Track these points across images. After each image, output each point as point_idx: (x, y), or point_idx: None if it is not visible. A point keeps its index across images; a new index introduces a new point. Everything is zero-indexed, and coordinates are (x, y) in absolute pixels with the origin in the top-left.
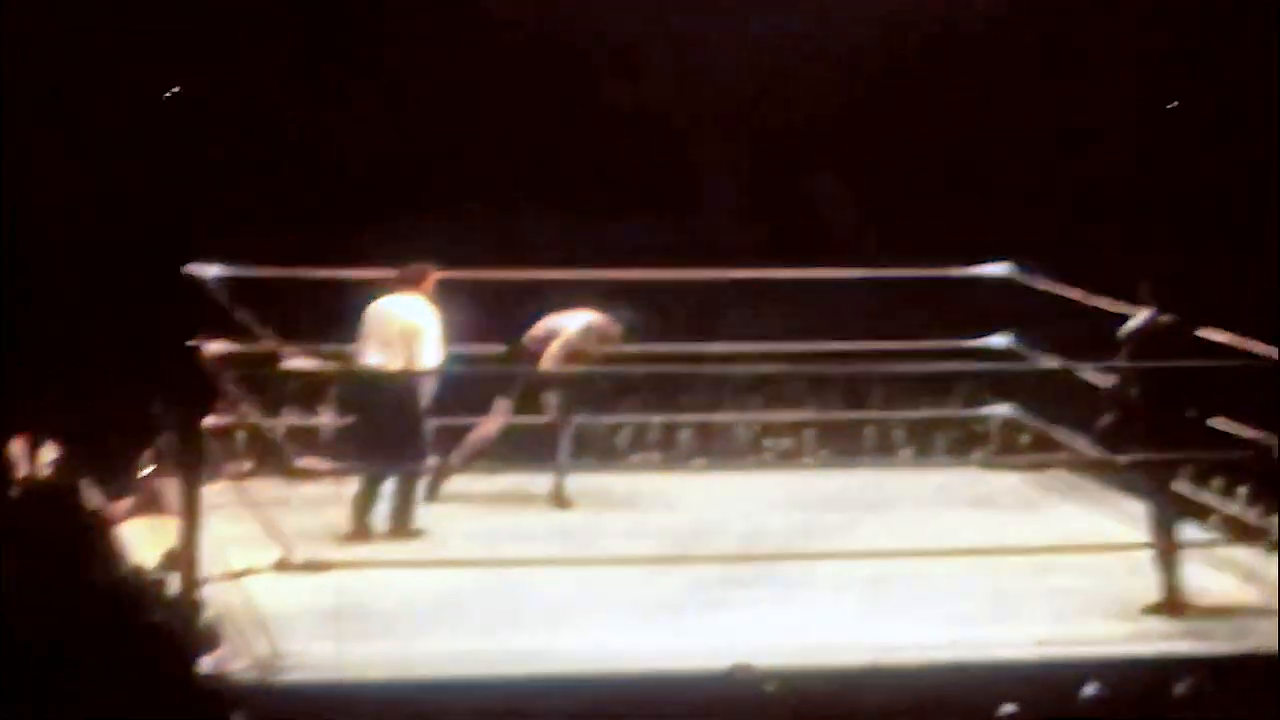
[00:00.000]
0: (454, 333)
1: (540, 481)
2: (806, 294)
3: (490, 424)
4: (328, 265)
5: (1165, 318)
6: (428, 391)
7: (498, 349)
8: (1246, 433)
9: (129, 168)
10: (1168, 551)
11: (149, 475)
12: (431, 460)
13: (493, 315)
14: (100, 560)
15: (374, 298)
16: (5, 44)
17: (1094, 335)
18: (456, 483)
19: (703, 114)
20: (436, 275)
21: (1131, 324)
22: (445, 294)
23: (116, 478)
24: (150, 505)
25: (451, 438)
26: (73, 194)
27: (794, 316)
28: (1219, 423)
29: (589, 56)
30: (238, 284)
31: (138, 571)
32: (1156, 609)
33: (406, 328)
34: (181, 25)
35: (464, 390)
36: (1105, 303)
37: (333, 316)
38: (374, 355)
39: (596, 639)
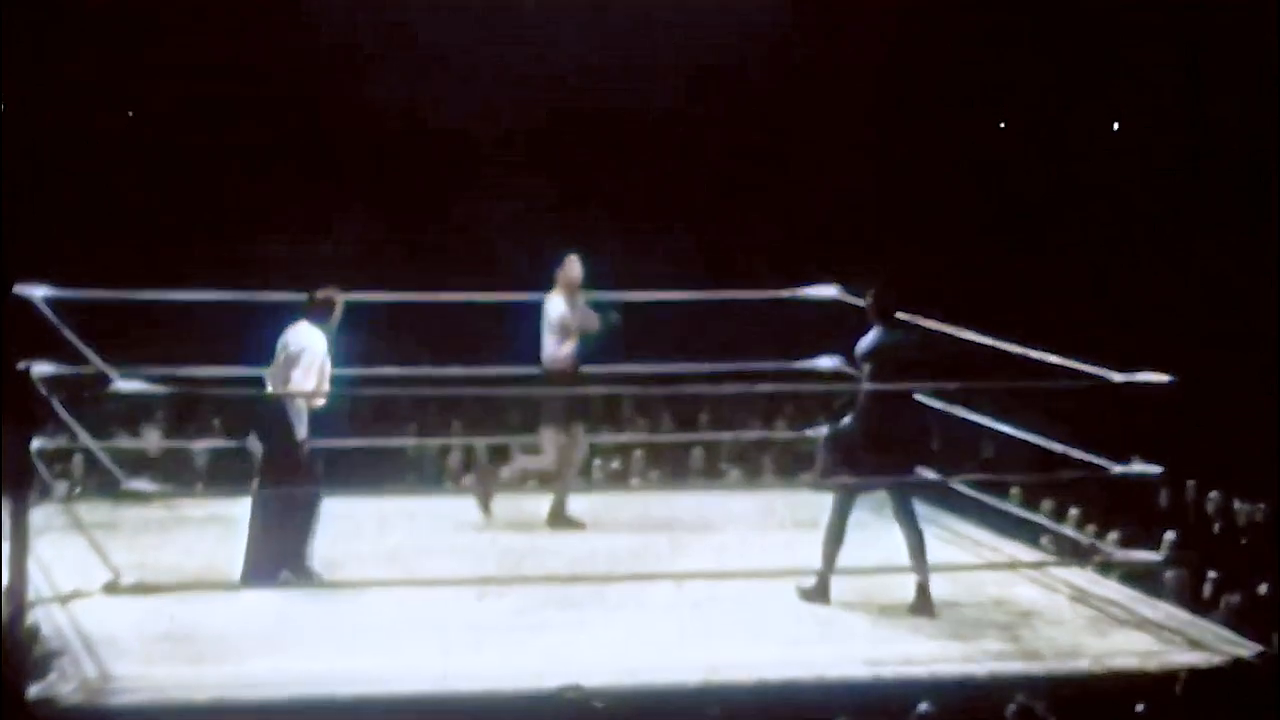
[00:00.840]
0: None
1: (366, 504)
2: (631, 315)
3: (547, 456)
4: (153, 286)
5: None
6: (302, 416)
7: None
8: (1080, 455)
9: None
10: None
11: None
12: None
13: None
14: None
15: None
16: None
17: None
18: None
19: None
20: (336, 298)
21: (864, 342)
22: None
23: None
24: None
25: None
26: None
27: (621, 337)
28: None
29: None
30: (66, 305)
31: None
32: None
33: (288, 353)
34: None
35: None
36: (931, 324)
37: (160, 337)
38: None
39: (426, 660)
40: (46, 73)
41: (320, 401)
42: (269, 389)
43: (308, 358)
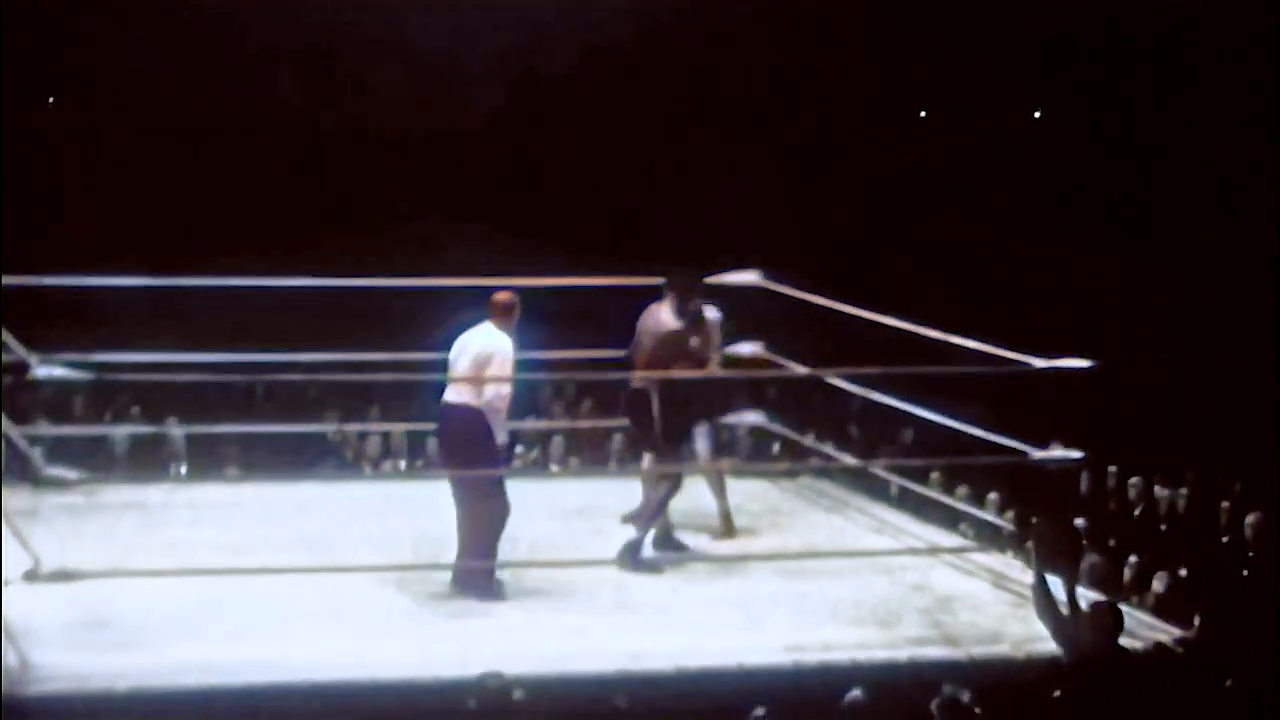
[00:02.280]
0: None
1: (282, 490)
2: (550, 301)
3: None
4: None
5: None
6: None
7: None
8: (1000, 440)
9: None
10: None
11: None
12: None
13: None
14: None
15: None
16: None
17: (840, 342)
18: (202, 491)
19: None
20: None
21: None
22: None
23: None
24: None
25: None
26: None
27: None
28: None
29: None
30: None
31: None
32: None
33: (475, 358)
34: None
35: None
36: (851, 309)
37: (85, 324)
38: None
39: (346, 647)
40: None
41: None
42: (454, 395)
43: (498, 362)
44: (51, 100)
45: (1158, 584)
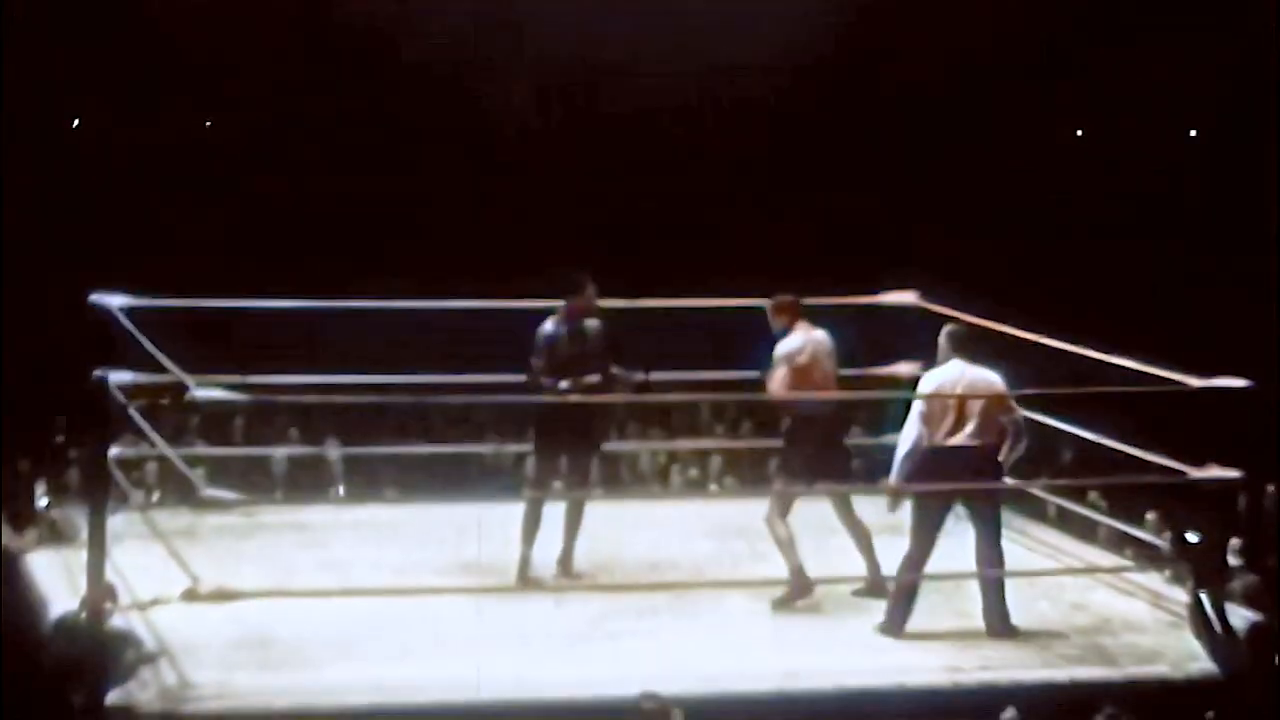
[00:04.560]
0: None
1: (442, 511)
2: (704, 321)
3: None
4: (229, 296)
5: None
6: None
7: None
8: (1157, 460)
9: (32, 196)
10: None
11: (49, 506)
12: None
13: None
14: (4, 591)
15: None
16: None
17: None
18: (362, 512)
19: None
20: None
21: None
22: None
23: (21, 509)
24: (54, 535)
25: None
26: None
27: (701, 343)
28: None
29: None
30: (143, 313)
31: (42, 602)
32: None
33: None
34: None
35: None
36: (1009, 329)
37: (235, 346)
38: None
39: (505, 667)
40: (125, 83)
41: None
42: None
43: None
44: (209, 124)
45: None
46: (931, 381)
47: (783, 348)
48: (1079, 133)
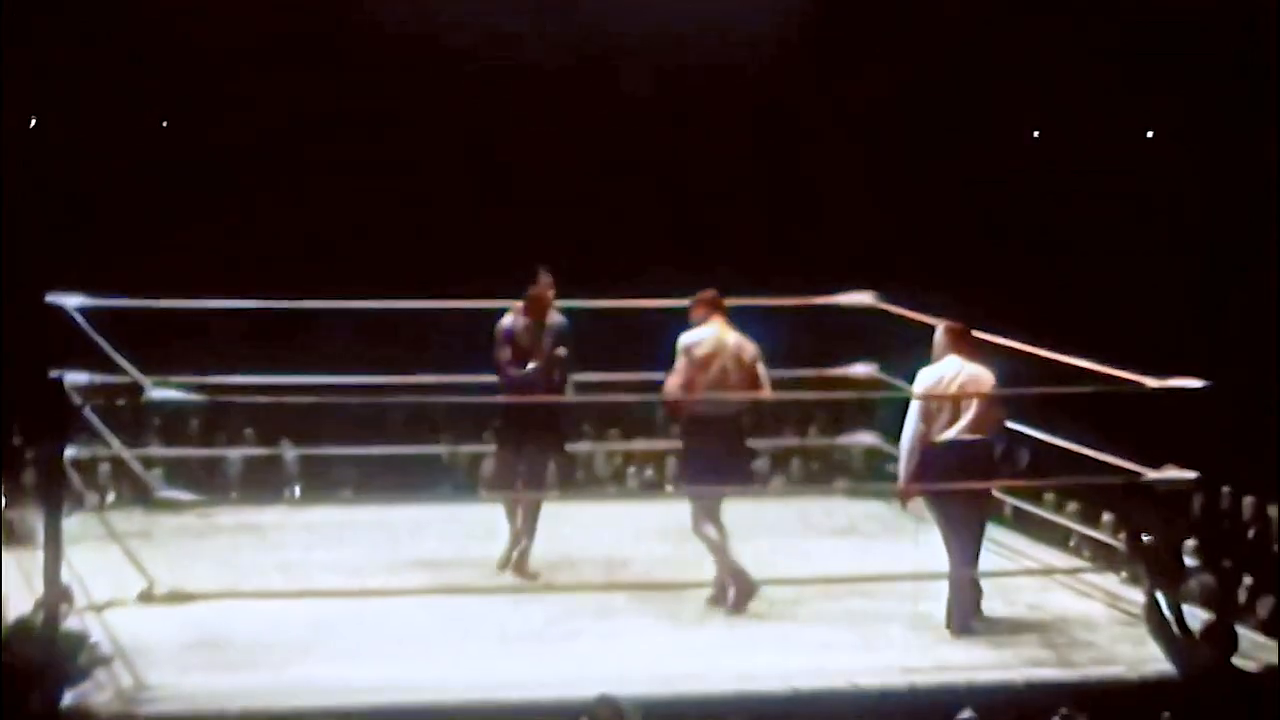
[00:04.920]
0: None
1: (398, 511)
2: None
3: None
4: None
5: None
6: None
7: None
8: (1113, 461)
9: None
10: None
11: (4, 507)
12: None
13: None
14: None
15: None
16: None
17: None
18: (317, 513)
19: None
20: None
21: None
22: None
23: None
24: (9, 537)
25: None
26: None
27: (654, 344)
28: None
29: None
30: (99, 314)
31: None
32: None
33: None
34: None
35: None
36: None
37: (191, 347)
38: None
39: (461, 669)
40: (78, 81)
41: None
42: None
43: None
44: (165, 124)
45: (1270, 604)
46: (929, 378)
47: (684, 339)
48: (1035, 134)
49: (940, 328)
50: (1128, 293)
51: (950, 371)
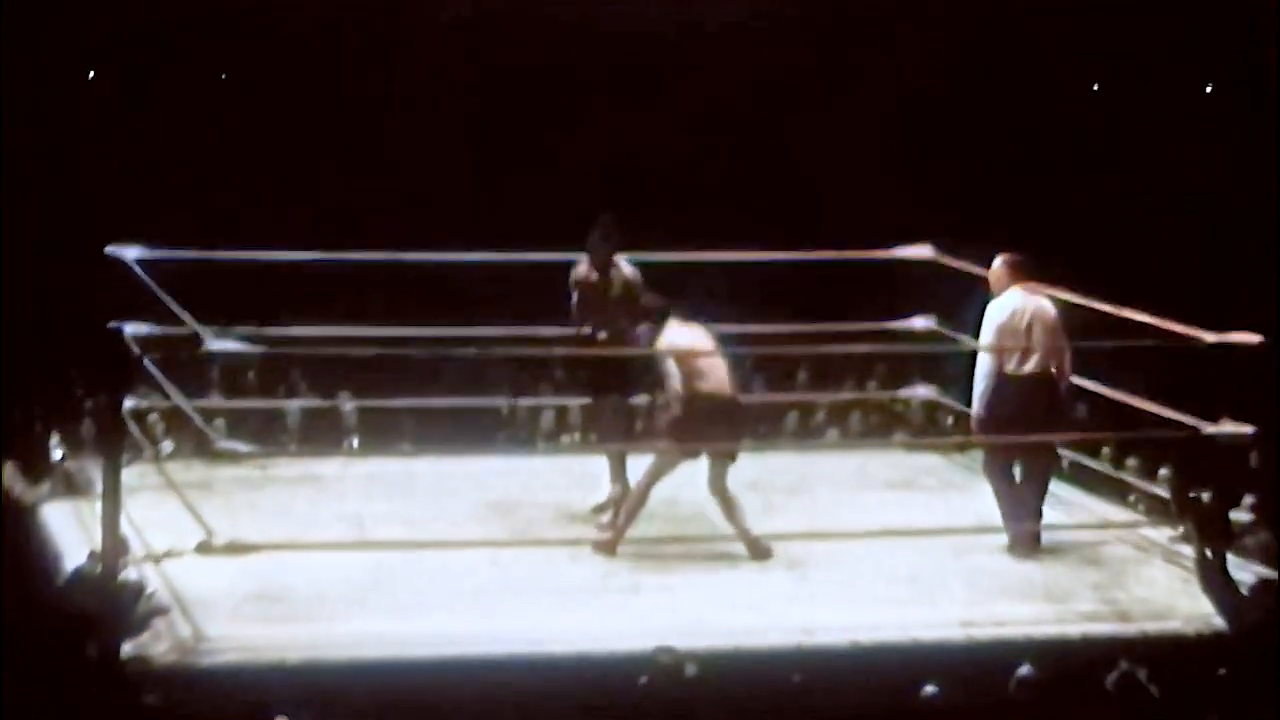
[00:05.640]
0: None
1: (456, 464)
2: (727, 276)
3: None
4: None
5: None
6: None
7: None
8: (1171, 415)
9: (47, 150)
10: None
11: (64, 458)
12: None
13: None
14: (19, 543)
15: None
16: None
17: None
18: (376, 465)
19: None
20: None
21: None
22: None
23: (36, 461)
24: (68, 487)
25: None
26: None
27: (715, 298)
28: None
29: None
30: (159, 266)
31: (57, 554)
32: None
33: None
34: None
35: None
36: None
37: (252, 299)
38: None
39: (519, 621)
40: (138, 35)
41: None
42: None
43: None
44: (224, 75)
45: None
46: (1001, 312)
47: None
48: (1095, 87)
49: (998, 260)
50: (1187, 247)
51: (1018, 303)
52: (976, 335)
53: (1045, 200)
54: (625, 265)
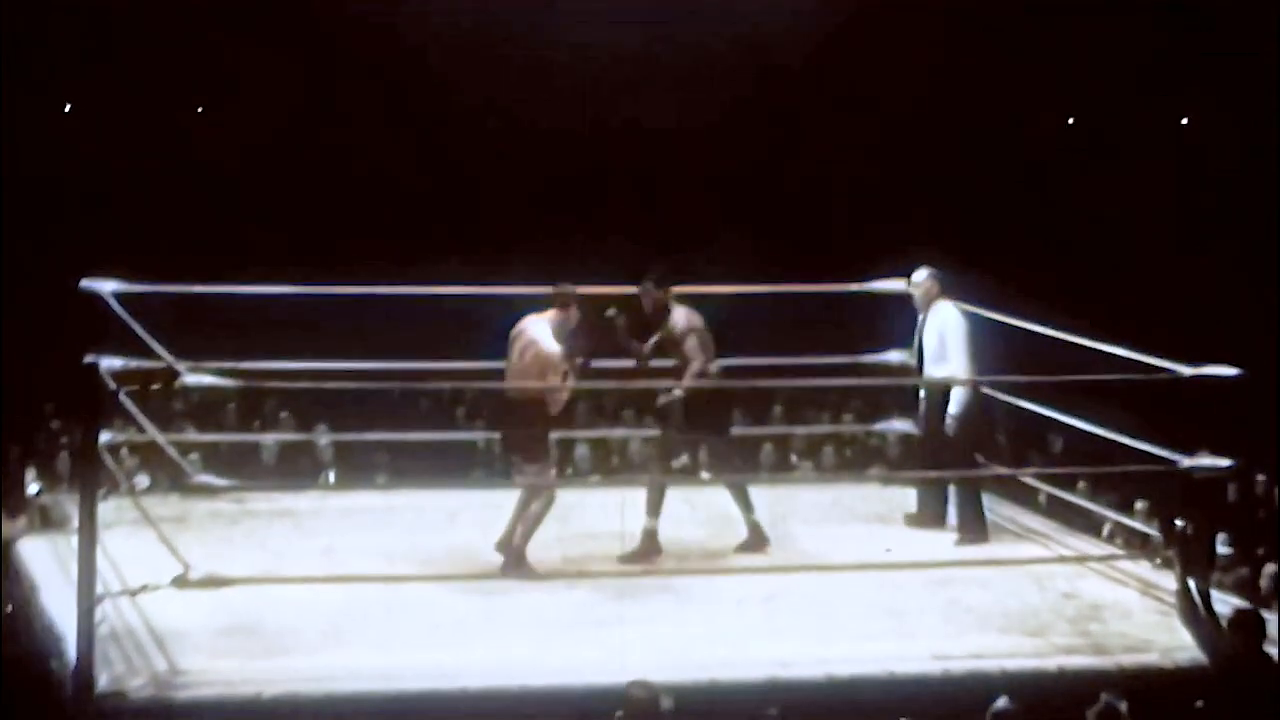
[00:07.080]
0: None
1: (432, 497)
2: (702, 310)
3: None
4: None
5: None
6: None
7: None
8: (1148, 449)
9: (23, 182)
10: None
11: (40, 492)
12: None
13: None
14: None
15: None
16: None
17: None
18: (352, 498)
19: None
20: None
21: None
22: None
23: (12, 495)
24: (44, 522)
25: None
26: None
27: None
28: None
29: None
30: (135, 299)
31: (33, 589)
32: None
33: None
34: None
35: None
36: (998, 316)
37: (228, 332)
38: None
39: (494, 654)
40: (113, 70)
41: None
42: None
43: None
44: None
45: None
46: (960, 319)
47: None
48: (1069, 120)
49: (924, 274)
50: (1162, 280)
51: (959, 313)
52: (920, 354)
53: (1023, 234)
54: (679, 312)
